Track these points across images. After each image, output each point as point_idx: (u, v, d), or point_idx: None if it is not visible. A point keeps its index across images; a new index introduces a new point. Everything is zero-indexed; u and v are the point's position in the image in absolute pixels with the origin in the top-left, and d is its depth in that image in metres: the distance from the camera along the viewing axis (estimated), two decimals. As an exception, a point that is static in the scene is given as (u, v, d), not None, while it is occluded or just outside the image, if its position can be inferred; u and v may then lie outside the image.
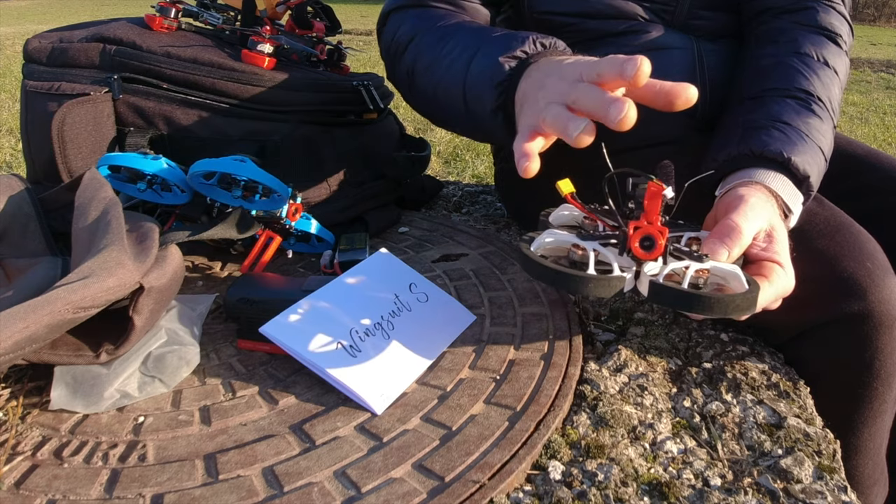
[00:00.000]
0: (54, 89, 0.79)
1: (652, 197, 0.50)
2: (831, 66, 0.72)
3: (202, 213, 0.75)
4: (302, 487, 0.45)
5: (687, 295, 0.47)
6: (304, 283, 0.62)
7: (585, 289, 0.49)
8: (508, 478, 0.46)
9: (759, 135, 0.64)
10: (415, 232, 0.89)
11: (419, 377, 0.57)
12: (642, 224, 0.50)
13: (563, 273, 0.49)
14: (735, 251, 0.52)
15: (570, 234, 0.55)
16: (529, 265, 0.50)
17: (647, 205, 0.50)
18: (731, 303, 0.47)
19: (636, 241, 0.50)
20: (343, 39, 1.04)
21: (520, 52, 0.63)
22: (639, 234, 0.50)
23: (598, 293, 0.49)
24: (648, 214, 0.50)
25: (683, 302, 0.48)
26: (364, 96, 0.87)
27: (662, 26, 0.82)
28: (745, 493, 0.47)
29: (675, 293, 0.47)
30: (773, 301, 0.56)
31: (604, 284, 0.48)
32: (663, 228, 0.50)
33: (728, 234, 0.53)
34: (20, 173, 0.88)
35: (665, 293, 0.48)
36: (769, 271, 0.55)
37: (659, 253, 0.50)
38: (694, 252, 0.52)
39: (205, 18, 0.94)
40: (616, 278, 0.49)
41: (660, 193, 0.49)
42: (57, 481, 0.46)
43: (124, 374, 0.54)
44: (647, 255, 0.50)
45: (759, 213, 0.55)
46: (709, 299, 0.47)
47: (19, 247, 0.67)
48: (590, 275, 0.49)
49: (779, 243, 0.56)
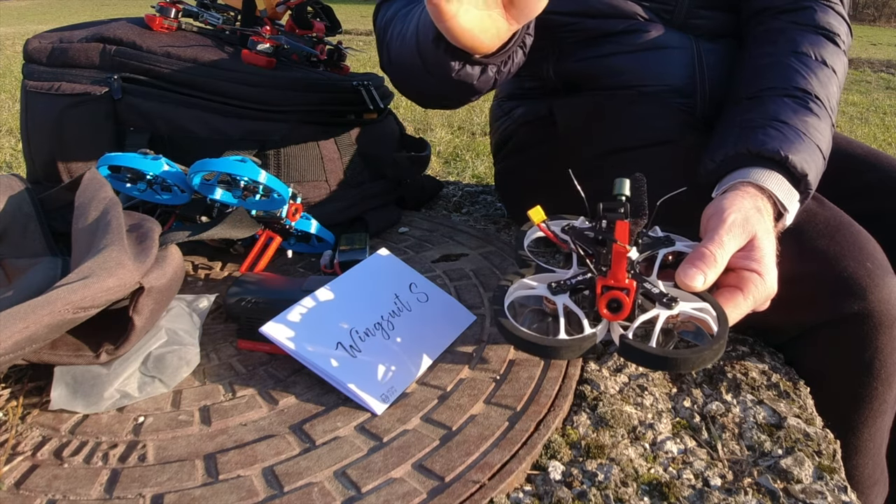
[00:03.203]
0: (54, 89, 0.79)
1: (617, 257, 0.52)
2: (829, 66, 0.72)
3: (202, 213, 0.75)
4: (302, 487, 0.45)
5: (656, 357, 0.49)
6: (304, 283, 0.62)
7: (558, 356, 0.51)
8: (508, 478, 0.46)
9: (756, 134, 0.64)
10: (415, 232, 0.89)
11: (419, 377, 0.57)
12: (609, 283, 0.52)
13: (535, 344, 0.51)
14: (710, 276, 0.54)
15: (541, 286, 0.57)
16: (504, 331, 0.52)
17: (613, 263, 0.52)
18: (698, 359, 0.48)
19: (604, 306, 0.52)
20: (343, 39, 1.04)
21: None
22: (606, 298, 0.52)
23: (570, 356, 0.52)
24: (615, 273, 0.52)
25: (653, 363, 0.50)
26: (364, 96, 0.87)
27: (662, 26, 0.82)
28: (745, 493, 0.47)
29: (645, 355, 0.49)
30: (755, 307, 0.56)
31: (575, 348, 0.51)
32: (631, 285, 0.52)
33: (702, 260, 0.54)
34: (20, 173, 0.88)
35: (634, 354, 0.50)
36: (745, 283, 0.55)
37: (626, 314, 0.52)
38: (663, 298, 0.53)
39: (205, 18, 0.94)
40: (587, 338, 0.51)
41: (624, 255, 0.52)
42: (57, 481, 0.46)
43: (124, 374, 0.54)
44: (615, 318, 0.52)
45: (735, 233, 0.56)
46: (676, 360, 0.49)
47: (19, 247, 0.67)
48: (561, 342, 0.51)
49: (759, 250, 0.56)
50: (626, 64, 0.83)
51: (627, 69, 0.83)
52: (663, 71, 0.82)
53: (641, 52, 0.82)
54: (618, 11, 0.81)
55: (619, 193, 0.60)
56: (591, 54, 0.84)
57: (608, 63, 0.83)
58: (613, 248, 0.52)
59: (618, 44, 0.82)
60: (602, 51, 0.83)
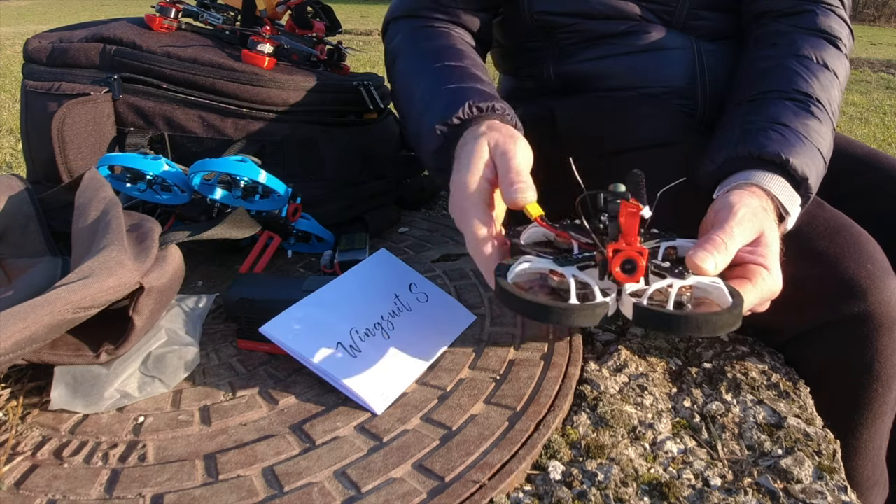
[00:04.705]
0: (54, 89, 0.79)
1: (629, 217, 0.49)
2: (831, 69, 0.72)
3: (202, 213, 0.75)
4: (302, 487, 0.45)
5: (674, 317, 0.46)
6: (304, 283, 0.62)
7: (569, 319, 0.47)
8: (508, 478, 0.46)
9: (756, 136, 0.64)
10: (415, 232, 0.89)
11: (419, 377, 0.57)
12: (621, 246, 0.49)
13: (545, 306, 0.47)
14: (721, 261, 0.52)
15: (545, 259, 0.53)
16: (508, 299, 0.49)
17: (624, 225, 0.49)
18: (717, 321, 0.46)
19: (617, 266, 0.49)
20: (343, 39, 1.04)
21: (455, 119, 0.65)
22: (619, 258, 0.49)
23: (582, 322, 0.48)
24: (627, 235, 0.49)
25: (670, 325, 0.47)
26: (364, 96, 0.87)
27: (662, 27, 0.82)
28: (745, 493, 0.47)
29: (662, 316, 0.47)
30: (758, 304, 0.55)
31: (588, 313, 0.47)
32: (643, 249, 0.49)
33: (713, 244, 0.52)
34: (20, 173, 0.88)
35: (651, 317, 0.47)
36: (754, 274, 0.54)
37: (641, 275, 0.49)
38: (675, 269, 0.51)
39: (205, 18, 0.94)
40: (600, 305, 0.48)
41: (637, 214, 0.48)
42: (57, 481, 0.46)
43: (124, 374, 0.54)
44: (629, 279, 0.49)
45: (746, 226, 0.55)
46: (696, 319, 0.46)
47: (19, 247, 0.67)
48: (573, 305, 0.47)
49: (766, 247, 0.56)
50: (627, 65, 0.83)
51: (627, 70, 0.83)
52: (663, 72, 0.82)
53: (641, 54, 0.82)
54: (618, 13, 0.81)
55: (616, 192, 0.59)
56: (592, 55, 0.84)
57: (608, 64, 0.83)
58: (624, 207, 0.49)
59: (618, 45, 0.82)
60: (602, 52, 0.83)
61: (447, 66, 0.73)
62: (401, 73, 0.79)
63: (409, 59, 0.79)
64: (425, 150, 0.68)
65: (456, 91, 0.68)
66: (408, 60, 0.79)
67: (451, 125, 0.65)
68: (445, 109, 0.66)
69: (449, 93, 0.68)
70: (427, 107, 0.69)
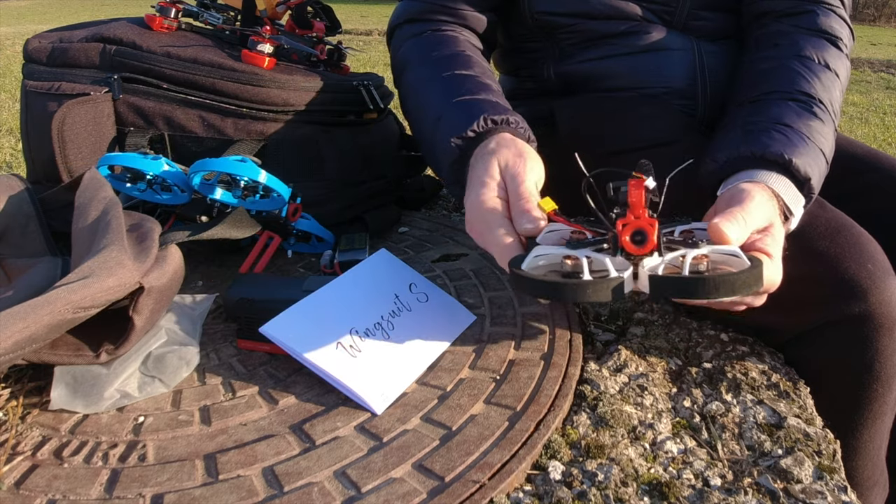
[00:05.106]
0: (54, 89, 0.79)
1: (635, 188, 0.48)
2: (832, 69, 0.72)
3: (202, 213, 0.75)
4: (302, 487, 0.45)
5: (691, 281, 0.45)
6: (304, 283, 0.62)
7: (584, 295, 0.46)
8: (508, 478, 0.46)
9: (759, 137, 0.64)
10: (415, 232, 0.89)
11: (419, 377, 0.57)
12: (630, 220, 0.49)
13: (558, 283, 0.47)
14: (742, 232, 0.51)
15: (558, 247, 0.53)
16: (522, 282, 0.48)
17: (631, 199, 0.48)
18: (737, 280, 0.44)
19: (627, 236, 0.48)
20: (343, 39, 1.04)
21: (470, 132, 0.65)
22: (629, 230, 0.48)
23: (597, 298, 0.47)
24: (634, 209, 0.49)
25: (688, 289, 0.45)
26: (364, 96, 0.87)
27: (663, 27, 0.82)
28: (745, 493, 0.47)
29: (678, 282, 0.45)
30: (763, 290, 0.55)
31: (602, 288, 0.46)
32: (653, 220, 0.48)
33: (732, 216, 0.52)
34: (20, 173, 0.88)
35: (667, 284, 0.46)
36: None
37: (652, 245, 0.48)
38: (689, 240, 0.50)
39: (205, 18, 0.94)
40: (614, 279, 0.47)
41: (642, 185, 0.48)
42: (57, 481, 0.46)
43: (124, 374, 0.54)
44: (639, 250, 0.48)
45: (761, 210, 0.55)
46: (714, 280, 0.44)
47: (19, 247, 0.67)
48: (587, 280, 0.47)
49: (772, 237, 0.56)
50: (627, 65, 0.83)
51: (628, 71, 0.83)
52: (664, 72, 0.82)
53: (642, 54, 0.82)
54: (619, 13, 0.81)
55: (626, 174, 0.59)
56: (592, 55, 0.84)
57: (609, 64, 0.83)
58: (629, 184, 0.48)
59: (618, 45, 0.82)
60: (603, 52, 0.83)
61: (458, 74, 0.73)
62: (411, 85, 0.79)
63: (418, 68, 0.78)
64: (442, 163, 0.68)
65: (470, 103, 0.68)
66: (417, 70, 0.78)
67: (465, 138, 0.65)
68: (460, 122, 0.66)
69: (463, 105, 0.68)
70: (440, 119, 0.69)
